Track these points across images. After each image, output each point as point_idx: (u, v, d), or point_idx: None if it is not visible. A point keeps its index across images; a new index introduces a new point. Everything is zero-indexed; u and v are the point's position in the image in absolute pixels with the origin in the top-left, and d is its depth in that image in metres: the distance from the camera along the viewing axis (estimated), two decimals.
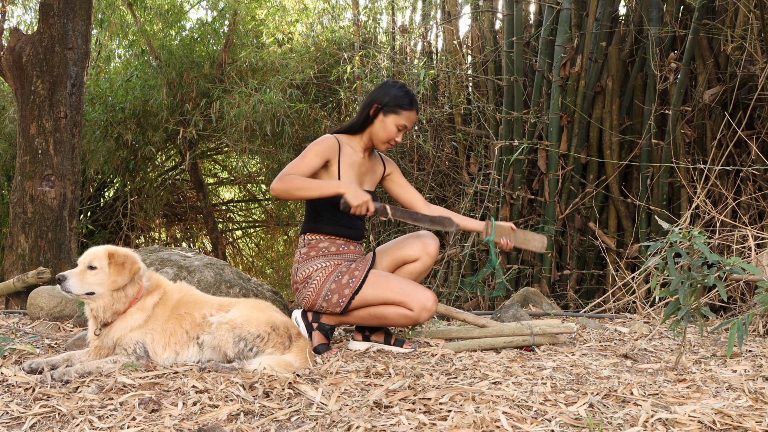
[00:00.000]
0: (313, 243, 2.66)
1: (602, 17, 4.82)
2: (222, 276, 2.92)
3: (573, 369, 2.31)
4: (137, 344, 2.19)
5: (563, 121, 4.94)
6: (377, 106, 2.66)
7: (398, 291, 2.50)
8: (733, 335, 2.22)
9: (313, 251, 2.64)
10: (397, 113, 2.65)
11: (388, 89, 2.67)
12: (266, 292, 3.05)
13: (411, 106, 2.67)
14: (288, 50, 6.53)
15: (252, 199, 8.61)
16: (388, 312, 2.53)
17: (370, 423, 1.65)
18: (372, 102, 2.68)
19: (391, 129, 2.66)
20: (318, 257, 2.62)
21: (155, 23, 6.76)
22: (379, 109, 2.67)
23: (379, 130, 2.68)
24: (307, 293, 2.59)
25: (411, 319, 2.52)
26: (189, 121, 6.23)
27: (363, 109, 2.70)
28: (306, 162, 2.55)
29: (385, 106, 2.66)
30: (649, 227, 4.68)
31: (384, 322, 2.57)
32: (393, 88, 2.67)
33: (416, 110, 2.70)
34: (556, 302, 4.71)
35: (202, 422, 1.67)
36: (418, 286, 2.53)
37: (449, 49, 5.90)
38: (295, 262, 2.67)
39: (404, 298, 2.49)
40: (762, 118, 4.41)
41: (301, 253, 2.66)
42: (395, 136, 2.68)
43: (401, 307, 2.51)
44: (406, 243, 2.69)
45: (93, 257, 2.19)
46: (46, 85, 4.48)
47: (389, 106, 2.65)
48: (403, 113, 2.66)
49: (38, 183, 4.43)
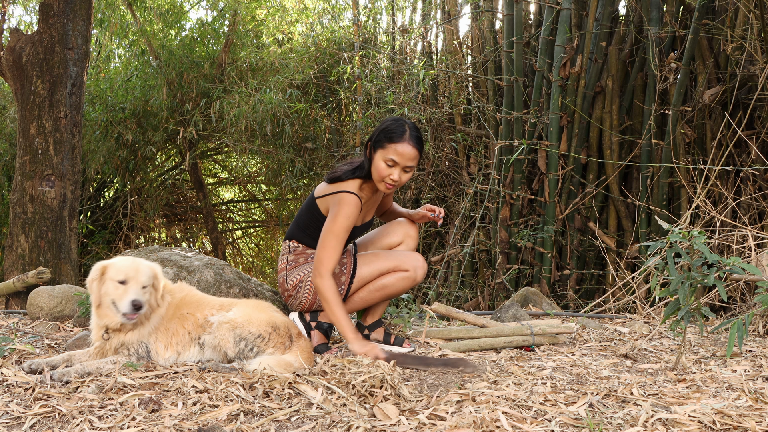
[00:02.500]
0: (300, 250, 2.66)
1: (602, 17, 4.82)
2: (222, 276, 2.92)
3: (573, 369, 2.31)
4: (140, 344, 2.19)
5: (563, 121, 4.94)
6: (369, 143, 2.50)
7: (388, 259, 2.60)
8: (733, 335, 2.22)
9: (301, 257, 2.65)
10: (383, 147, 2.43)
11: (381, 124, 2.51)
12: (266, 292, 3.05)
13: (398, 138, 2.41)
14: (288, 50, 6.53)
15: (252, 199, 8.62)
16: (387, 280, 2.59)
17: (369, 423, 1.65)
18: (367, 141, 2.54)
19: (380, 165, 2.44)
20: (306, 263, 2.64)
21: (155, 23, 6.76)
22: (371, 147, 2.49)
23: (372, 169, 2.48)
24: (303, 296, 2.61)
25: (409, 279, 2.59)
26: (189, 121, 6.23)
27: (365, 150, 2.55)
28: (342, 241, 2.44)
29: (374, 142, 2.47)
30: (649, 227, 4.68)
31: (385, 292, 2.61)
32: (386, 122, 2.49)
33: (410, 143, 2.42)
34: (556, 302, 4.71)
35: (202, 422, 1.67)
36: (406, 252, 2.66)
37: (449, 49, 5.90)
38: (282, 270, 2.66)
39: (396, 262, 2.58)
40: (762, 118, 4.41)
41: (288, 260, 2.66)
42: (387, 173, 2.44)
43: (397, 272, 2.59)
44: (387, 230, 2.77)
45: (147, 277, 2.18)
46: (46, 85, 4.48)
47: (377, 141, 2.46)
48: (389, 146, 2.41)
49: (38, 183, 4.43)
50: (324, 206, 2.58)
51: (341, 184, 2.52)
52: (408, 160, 2.43)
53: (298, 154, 6.25)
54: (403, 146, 2.42)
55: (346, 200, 2.46)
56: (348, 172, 2.53)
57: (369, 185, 2.58)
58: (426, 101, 5.66)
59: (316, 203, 2.60)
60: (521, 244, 4.95)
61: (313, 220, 2.62)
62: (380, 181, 2.48)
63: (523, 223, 5.12)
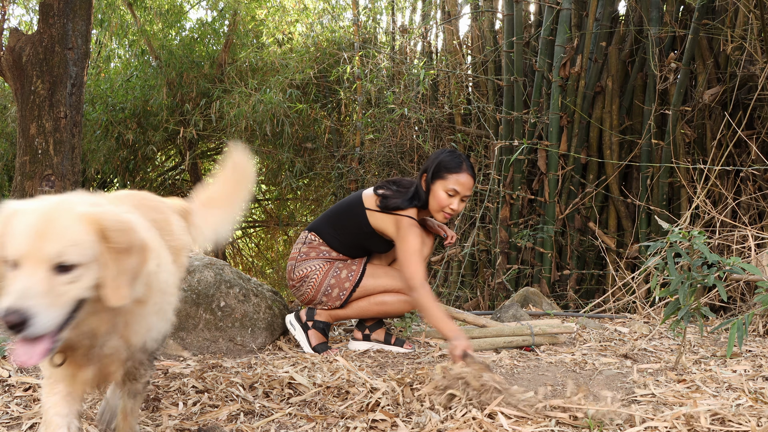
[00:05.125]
0: (315, 244, 2.69)
1: (602, 17, 4.82)
2: (222, 276, 2.92)
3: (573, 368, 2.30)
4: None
5: (563, 121, 4.94)
6: (426, 176, 2.59)
7: (396, 279, 2.62)
8: (733, 335, 2.22)
9: (313, 252, 2.67)
10: (444, 178, 2.54)
11: (435, 156, 2.60)
12: (266, 292, 3.05)
13: (457, 169, 2.53)
14: (288, 50, 6.53)
15: (252, 199, 8.62)
16: (388, 298, 2.62)
17: (369, 423, 1.65)
18: (422, 173, 2.61)
19: (440, 195, 2.54)
20: (317, 258, 2.67)
21: (155, 23, 6.76)
22: (429, 178, 2.58)
23: (431, 199, 2.57)
24: (306, 290, 2.65)
25: (410, 305, 2.63)
26: (189, 121, 6.23)
27: (419, 182, 2.60)
28: (421, 257, 2.50)
29: (433, 174, 2.56)
30: (649, 227, 4.68)
31: (384, 309, 2.63)
32: (441, 154, 2.59)
33: (468, 173, 2.55)
34: (556, 302, 4.71)
35: (202, 422, 1.67)
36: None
37: (449, 49, 5.90)
38: (292, 259, 2.71)
39: (401, 285, 2.60)
40: (762, 118, 4.41)
41: (300, 251, 2.69)
42: (447, 202, 2.54)
43: (400, 294, 2.61)
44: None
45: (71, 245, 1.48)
46: (46, 85, 4.48)
47: (436, 172, 2.55)
48: (450, 177, 2.53)
49: (38, 183, 4.43)
50: (375, 222, 2.61)
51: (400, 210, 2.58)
52: (467, 190, 2.55)
53: (298, 154, 6.25)
54: (464, 176, 2.54)
55: (409, 223, 2.53)
56: (406, 201, 2.57)
57: (421, 213, 2.65)
58: (426, 101, 5.65)
59: (365, 213, 2.62)
60: (521, 244, 4.95)
61: (354, 225, 2.65)
62: (439, 210, 2.57)
63: (523, 223, 5.11)
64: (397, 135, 5.63)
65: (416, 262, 2.45)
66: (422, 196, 2.58)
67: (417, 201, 2.57)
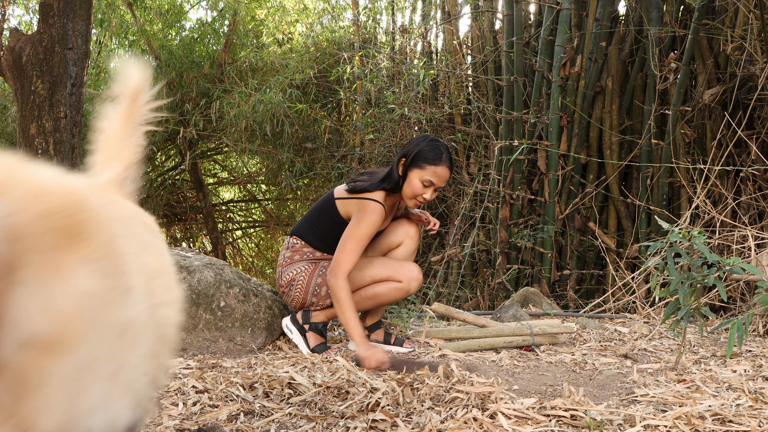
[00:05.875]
0: (297, 247, 2.70)
1: (602, 17, 4.82)
2: (222, 276, 2.92)
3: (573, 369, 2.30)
4: None
5: (563, 121, 4.94)
6: (404, 160, 2.56)
7: (384, 267, 2.61)
8: (733, 335, 2.22)
9: (297, 255, 2.69)
10: (422, 167, 2.50)
11: (416, 143, 2.56)
12: (266, 292, 3.05)
13: (436, 161, 2.50)
14: (288, 50, 6.53)
15: (252, 199, 8.61)
16: (379, 288, 2.61)
17: (369, 423, 1.65)
18: (400, 157, 2.58)
19: (415, 184, 2.51)
20: (301, 261, 2.68)
21: (155, 23, 6.76)
22: (406, 164, 2.55)
23: (405, 185, 2.55)
24: (295, 294, 2.65)
25: (402, 291, 2.60)
26: (189, 121, 6.23)
27: (395, 165, 2.58)
28: (363, 246, 2.47)
29: (411, 161, 2.53)
30: (649, 227, 4.68)
31: (378, 301, 2.63)
32: (422, 142, 2.54)
33: (446, 166, 2.52)
34: (556, 302, 4.71)
35: (202, 422, 1.67)
36: (402, 262, 2.65)
37: (449, 49, 5.90)
38: (279, 266, 2.72)
39: (391, 272, 2.59)
40: (762, 118, 4.41)
41: (285, 256, 2.71)
42: (421, 191, 2.51)
43: (390, 281, 2.60)
44: (388, 229, 2.77)
45: None
46: (46, 85, 4.48)
47: (414, 160, 2.52)
48: (428, 168, 2.50)
49: None
50: (344, 209, 2.60)
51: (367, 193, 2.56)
52: (443, 182, 2.53)
53: (298, 154, 6.25)
54: (442, 169, 2.51)
55: (371, 208, 2.51)
56: (375, 184, 2.55)
57: (392, 197, 2.62)
58: (426, 101, 5.65)
59: (335, 204, 2.62)
60: (521, 244, 4.95)
61: (327, 219, 2.64)
62: (411, 198, 2.55)
63: (523, 223, 5.11)
64: (397, 135, 5.62)
65: (354, 250, 2.43)
66: (395, 179, 2.54)
67: (387, 184, 2.54)
